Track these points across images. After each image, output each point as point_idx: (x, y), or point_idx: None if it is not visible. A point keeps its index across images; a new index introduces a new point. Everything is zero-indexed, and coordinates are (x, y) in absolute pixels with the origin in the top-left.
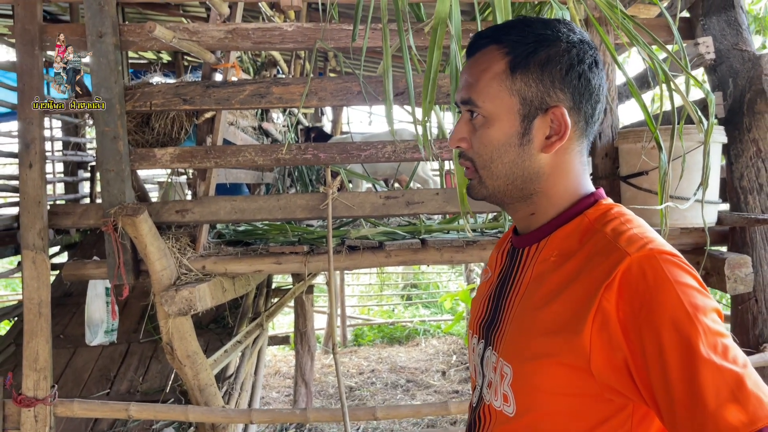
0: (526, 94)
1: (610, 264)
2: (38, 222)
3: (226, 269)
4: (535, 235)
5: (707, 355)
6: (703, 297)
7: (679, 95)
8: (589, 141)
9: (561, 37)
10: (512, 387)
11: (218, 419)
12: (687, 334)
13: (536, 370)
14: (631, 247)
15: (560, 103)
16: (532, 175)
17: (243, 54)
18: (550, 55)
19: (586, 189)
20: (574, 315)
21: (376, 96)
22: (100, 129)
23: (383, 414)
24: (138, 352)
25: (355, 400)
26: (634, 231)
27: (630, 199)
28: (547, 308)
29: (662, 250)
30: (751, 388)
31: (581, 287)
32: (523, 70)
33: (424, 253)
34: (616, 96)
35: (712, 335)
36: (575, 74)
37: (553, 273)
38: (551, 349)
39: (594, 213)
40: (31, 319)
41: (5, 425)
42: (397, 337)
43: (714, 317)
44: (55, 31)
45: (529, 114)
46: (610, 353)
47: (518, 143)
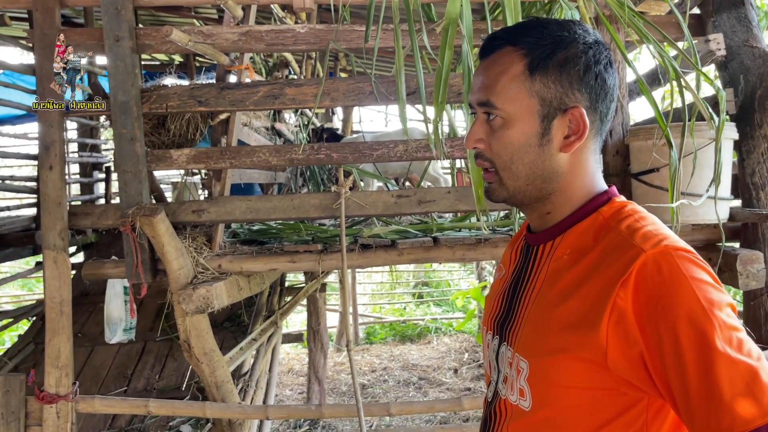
0: (545, 95)
1: (625, 260)
2: (59, 222)
3: (242, 268)
4: (550, 232)
5: (722, 348)
6: (718, 292)
7: (690, 92)
8: (602, 139)
9: (578, 39)
10: (528, 382)
11: (235, 415)
12: (702, 328)
13: (553, 365)
14: (647, 244)
15: (578, 104)
16: (552, 175)
17: (255, 55)
18: (567, 56)
19: (599, 187)
20: (591, 311)
21: (388, 96)
22: (117, 131)
23: (397, 410)
24: (154, 350)
25: (368, 397)
26: (648, 228)
27: (641, 196)
28: (564, 304)
29: (677, 246)
30: (766, 381)
31: (597, 283)
32: (542, 71)
33: (437, 251)
34: (627, 93)
35: (727, 329)
36: (592, 75)
37: (568, 270)
38: (568, 344)
39: (608, 210)
40: (53, 318)
41: (28, 421)
42: (409, 335)
43: (728, 312)
44: (73, 36)
45: (549, 114)
46: (627, 348)
47: (538, 144)
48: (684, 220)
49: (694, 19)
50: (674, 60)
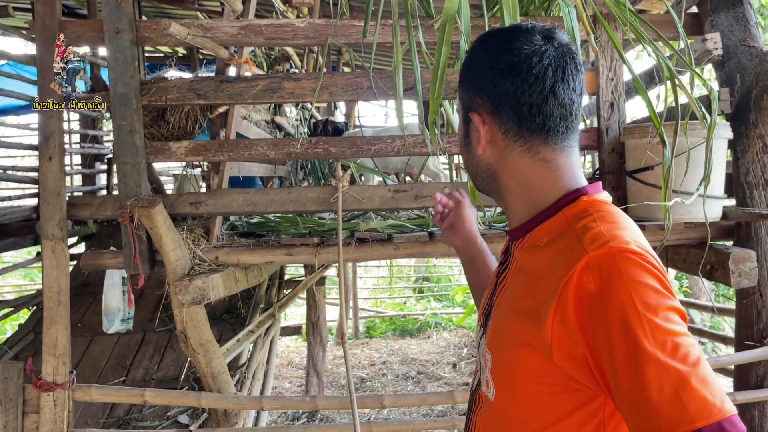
0: (464, 100)
1: (571, 261)
2: (57, 213)
3: (239, 260)
4: (520, 230)
5: (653, 351)
6: (658, 296)
7: (683, 92)
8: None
9: (482, 46)
10: (491, 373)
11: (230, 405)
12: (633, 331)
13: (511, 357)
14: (592, 245)
15: (479, 108)
16: (485, 172)
17: (256, 49)
18: (472, 62)
19: (566, 186)
20: (540, 308)
21: (386, 91)
22: (116, 123)
23: (390, 402)
24: (153, 341)
25: (367, 391)
26: (601, 228)
27: (636, 193)
28: (521, 300)
29: (623, 248)
30: (697, 387)
31: (548, 282)
32: (461, 79)
33: (432, 245)
34: (623, 92)
35: (660, 333)
36: (487, 79)
37: (529, 266)
38: (522, 338)
39: (572, 209)
40: (51, 307)
41: (25, 409)
42: (409, 329)
43: (668, 316)
44: (74, 27)
45: (466, 118)
46: (570, 347)
47: (464, 144)
48: (677, 218)
49: (692, 17)
50: (671, 59)
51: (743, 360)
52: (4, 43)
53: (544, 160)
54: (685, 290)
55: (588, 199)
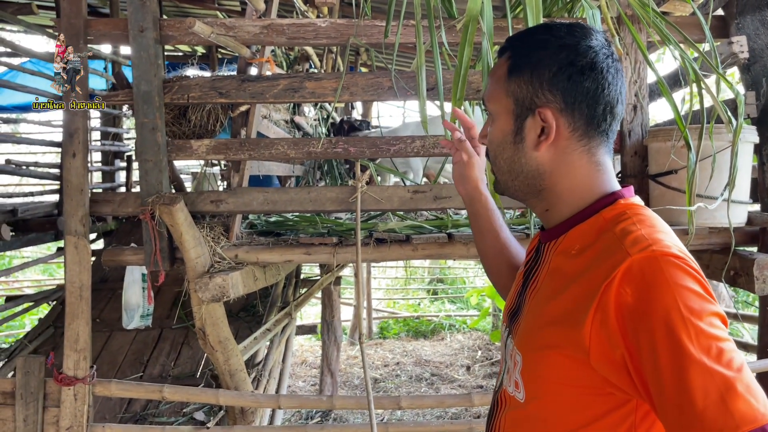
0: (518, 95)
1: (612, 263)
2: (80, 209)
3: (258, 258)
4: (555, 231)
5: (698, 356)
6: (702, 300)
7: (709, 95)
8: (602, 142)
9: (552, 41)
10: (522, 375)
11: (248, 403)
12: (678, 335)
13: (542, 360)
14: (634, 248)
15: (548, 104)
16: (533, 172)
17: (277, 48)
18: (540, 57)
19: (605, 188)
20: (577, 310)
21: (406, 91)
22: (139, 120)
23: (407, 403)
24: (170, 337)
25: (380, 391)
26: (642, 232)
27: (658, 197)
28: (555, 301)
29: (665, 252)
30: (742, 392)
31: (586, 284)
32: (517, 72)
33: (451, 247)
34: (647, 94)
35: (705, 338)
36: (564, 76)
37: (564, 269)
38: (556, 341)
39: (610, 212)
40: (73, 302)
41: (46, 402)
42: (423, 330)
43: (712, 321)
44: (99, 25)
45: (521, 114)
46: (609, 350)
47: (512, 141)
48: (701, 223)
49: (718, 20)
50: (695, 62)
51: (766, 368)
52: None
53: (598, 162)
54: None
55: (625, 203)
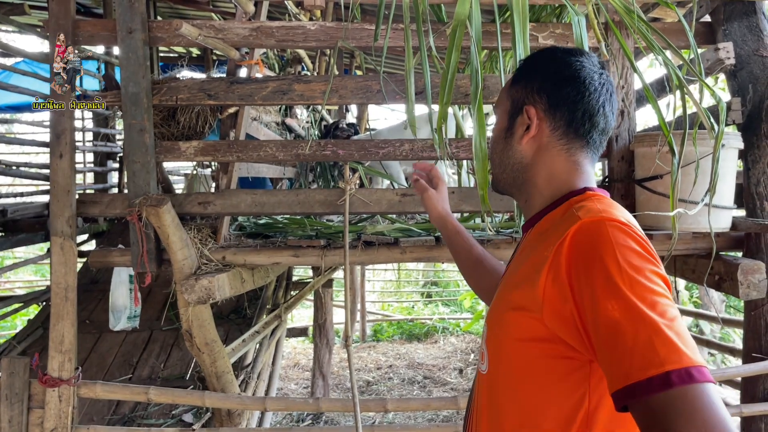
0: (515, 97)
1: (565, 227)
2: (67, 210)
3: (246, 260)
4: (531, 220)
5: (633, 301)
6: (642, 259)
7: (692, 101)
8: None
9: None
10: (486, 343)
11: (234, 405)
12: (616, 283)
13: (502, 321)
14: (587, 216)
15: (535, 104)
16: (517, 164)
17: (269, 51)
18: (536, 68)
19: (579, 185)
20: (534, 270)
21: (395, 95)
22: (127, 121)
23: (394, 406)
24: (160, 339)
25: (372, 394)
26: (597, 206)
27: (644, 202)
28: (519, 270)
29: (613, 218)
30: (671, 336)
31: (543, 248)
32: (517, 80)
33: (439, 250)
34: (633, 99)
35: (641, 288)
36: (550, 82)
37: (531, 245)
38: (517, 302)
39: (578, 200)
40: (58, 303)
41: (30, 404)
42: (416, 333)
43: (651, 277)
44: (87, 27)
45: (514, 112)
46: (560, 305)
47: (504, 137)
48: (686, 228)
49: (705, 27)
50: (681, 68)
51: (750, 372)
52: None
53: (576, 162)
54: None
55: (593, 193)
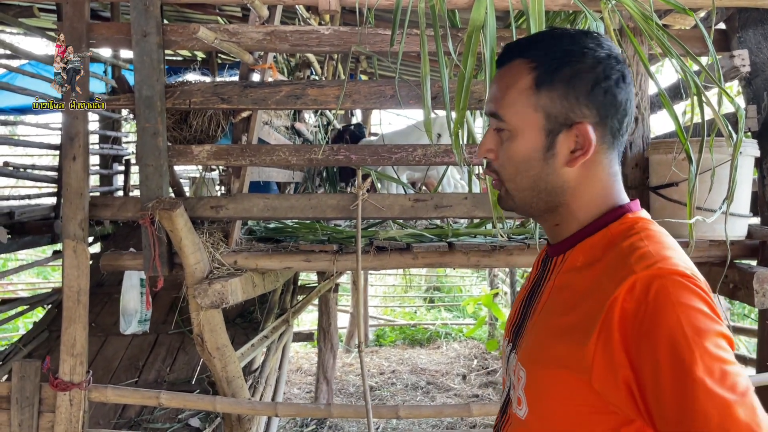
0: (550, 110)
1: (617, 281)
2: (80, 213)
3: (257, 265)
4: (563, 245)
5: (702, 378)
6: (709, 321)
7: (710, 108)
8: (618, 153)
9: (587, 53)
10: (525, 391)
11: (245, 411)
12: (681, 355)
13: (546, 377)
14: (639, 265)
15: (585, 119)
16: (557, 189)
17: (278, 55)
18: (575, 71)
19: (615, 201)
20: (581, 328)
21: (408, 100)
22: (140, 125)
23: (406, 413)
24: (166, 343)
25: (375, 399)
26: (649, 248)
27: (659, 209)
28: (561, 318)
29: (671, 269)
30: (743, 418)
31: (591, 301)
32: (548, 86)
33: (451, 256)
34: (648, 106)
35: (709, 359)
36: (600, 90)
37: (571, 284)
38: (560, 358)
39: (618, 227)
40: (70, 306)
41: (41, 408)
42: (419, 339)
43: (718, 342)
44: (101, 30)
45: (554, 129)
46: (612, 370)
47: (542, 158)
48: (702, 236)
49: (720, 34)
50: (697, 75)
51: (764, 382)
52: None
53: (613, 173)
54: None
55: (633, 217)
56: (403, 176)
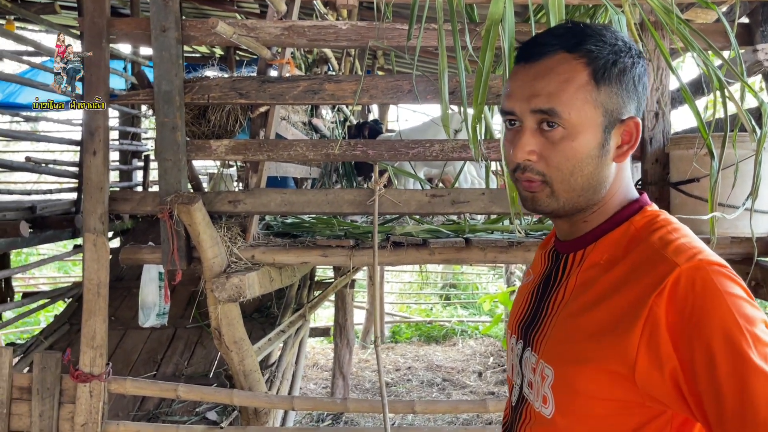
0: (608, 105)
1: (659, 274)
2: (100, 207)
3: (274, 259)
4: (581, 241)
5: (759, 364)
6: (753, 308)
7: (733, 103)
8: None
9: (629, 48)
10: (553, 389)
11: (262, 404)
12: (738, 344)
13: (578, 374)
14: (680, 258)
15: (632, 113)
16: (602, 185)
17: (296, 50)
18: (625, 66)
19: (632, 194)
20: (621, 322)
21: (426, 95)
22: (159, 120)
23: (421, 408)
24: (184, 336)
25: (391, 395)
26: (681, 241)
27: (679, 206)
28: (592, 313)
29: (711, 261)
30: None
31: (629, 295)
32: (606, 81)
33: (468, 252)
34: (669, 101)
35: (762, 345)
36: (642, 85)
37: (598, 280)
38: (594, 354)
39: (640, 220)
40: (90, 299)
41: (62, 398)
42: (435, 336)
43: (763, 328)
44: (121, 25)
45: (609, 125)
46: (658, 364)
47: (598, 155)
48: (724, 233)
49: (743, 28)
50: (719, 69)
51: None
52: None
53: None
54: None
55: (651, 211)
56: (420, 172)
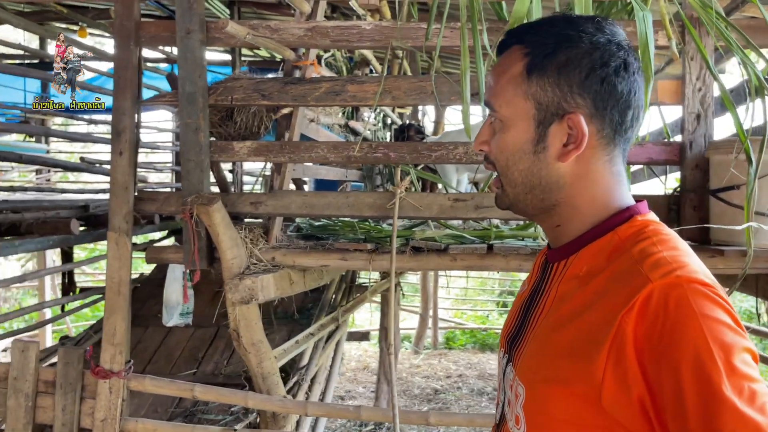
0: (541, 98)
1: (630, 290)
2: (124, 206)
3: (295, 262)
4: (564, 250)
5: (730, 398)
6: (734, 334)
7: None
8: (624, 149)
9: (584, 38)
10: (524, 409)
11: (275, 408)
12: (708, 374)
13: (547, 395)
14: (655, 273)
15: (578, 110)
16: (551, 185)
17: (337, 52)
18: (569, 57)
19: (621, 202)
20: (590, 342)
21: (450, 96)
22: (183, 120)
23: (436, 419)
24: (225, 336)
25: (439, 403)
26: (664, 254)
27: (719, 214)
28: (565, 330)
29: (692, 278)
30: None
31: (600, 312)
32: (539, 72)
33: (491, 259)
34: (711, 103)
35: (737, 377)
36: (597, 78)
37: (575, 293)
38: (563, 375)
39: (626, 230)
40: (111, 297)
41: (84, 394)
42: (490, 344)
43: (745, 358)
44: (149, 28)
45: (545, 120)
46: (625, 388)
47: (532, 150)
48: (761, 245)
49: None
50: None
51: None
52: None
53: (616, 173)
54: None
55: (642, 219)
56: (464, 176)
